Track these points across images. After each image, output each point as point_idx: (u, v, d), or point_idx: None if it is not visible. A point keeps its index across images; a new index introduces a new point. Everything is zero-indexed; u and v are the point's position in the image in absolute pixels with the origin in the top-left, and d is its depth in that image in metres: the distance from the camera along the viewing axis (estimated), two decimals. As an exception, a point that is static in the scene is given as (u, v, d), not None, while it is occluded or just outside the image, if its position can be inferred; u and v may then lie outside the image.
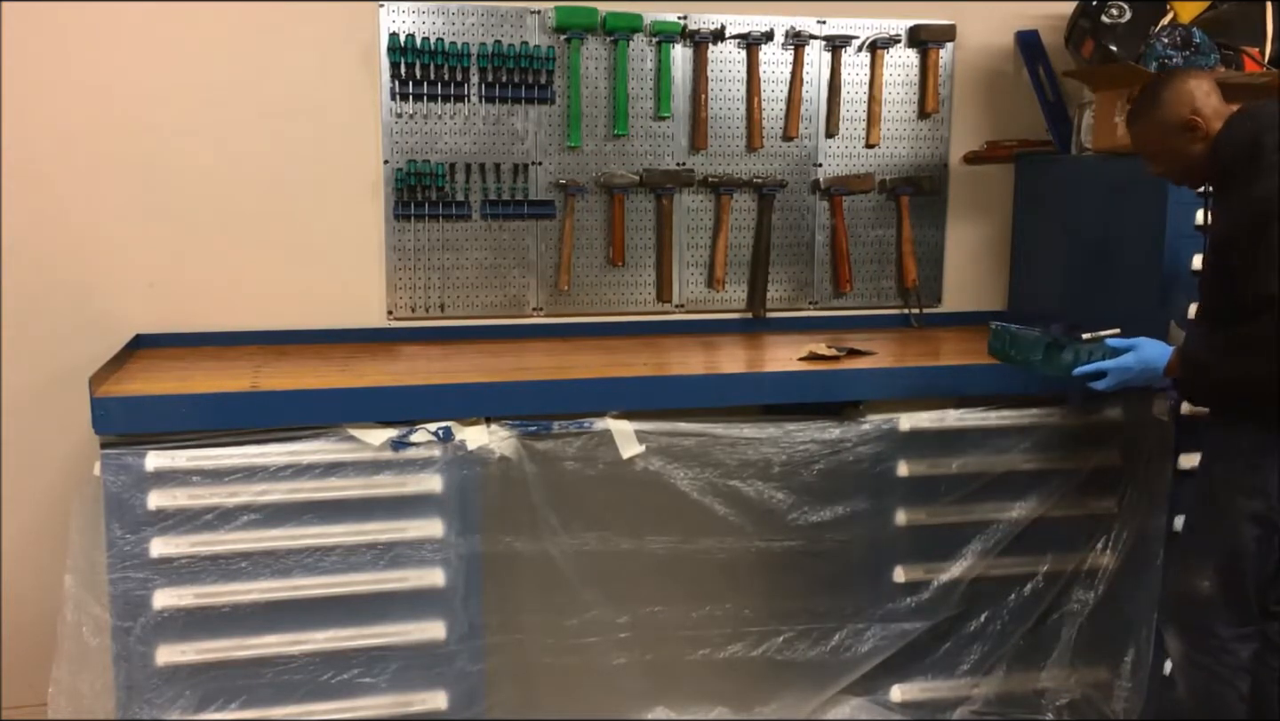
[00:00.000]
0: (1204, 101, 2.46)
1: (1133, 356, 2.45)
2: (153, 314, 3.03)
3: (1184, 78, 2.51)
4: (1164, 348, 2.44)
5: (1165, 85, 2.51)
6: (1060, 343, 2.52)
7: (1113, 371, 2.45)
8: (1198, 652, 2.49)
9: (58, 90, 2.93)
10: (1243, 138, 2.38)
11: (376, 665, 2.56)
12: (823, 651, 2.84)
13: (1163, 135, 2.50)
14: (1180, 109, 2.46)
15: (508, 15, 3.14)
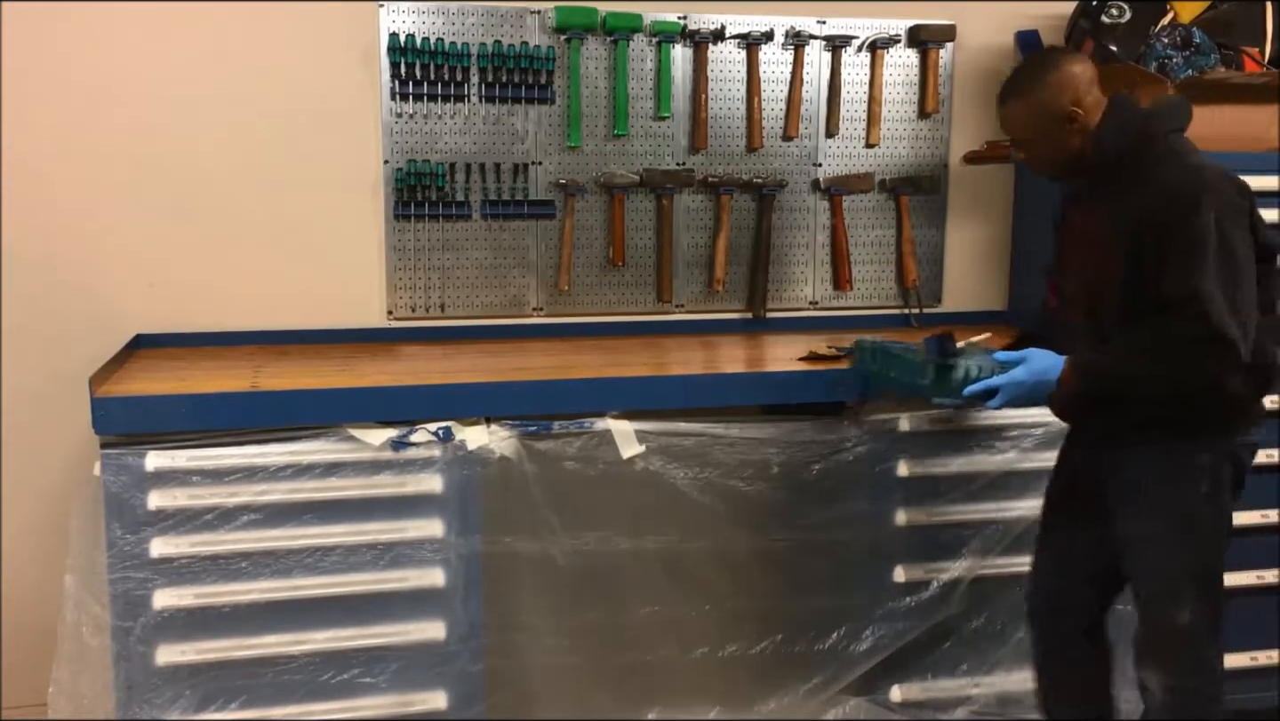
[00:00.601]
0: (1086, 91, 2.31)
1: (1023, 370, 2.27)
2: (153, 314, 3.03)
3: (1069, 62, 2.34)
4: (1055, 358, 2.28)
5: (1047, 68, 2.33)
6: (948, 363, 2.33)
7: (1004, 388, 2.28)
8: (1187, 678, 2.38)
9: (58, 90, 2.93)
10: (1130, 128, 2.29)
11: (376, 665, 2.56)
12: (822, 651, 2.84)
13: (1039, 122, 2.33)
14: (1061, 98, 2.30)
15: (508, 15, 3.14)
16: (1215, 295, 2.11)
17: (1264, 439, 2.93)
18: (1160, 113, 2.34)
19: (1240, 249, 2.16)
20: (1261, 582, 3.04)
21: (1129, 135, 2.28)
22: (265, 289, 3.10)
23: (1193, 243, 2.14)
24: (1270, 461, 2.99)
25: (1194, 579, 2.33)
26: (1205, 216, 2.14)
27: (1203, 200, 2.15)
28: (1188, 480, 2.29)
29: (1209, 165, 2.24)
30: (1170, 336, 2.17)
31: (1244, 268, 2.16)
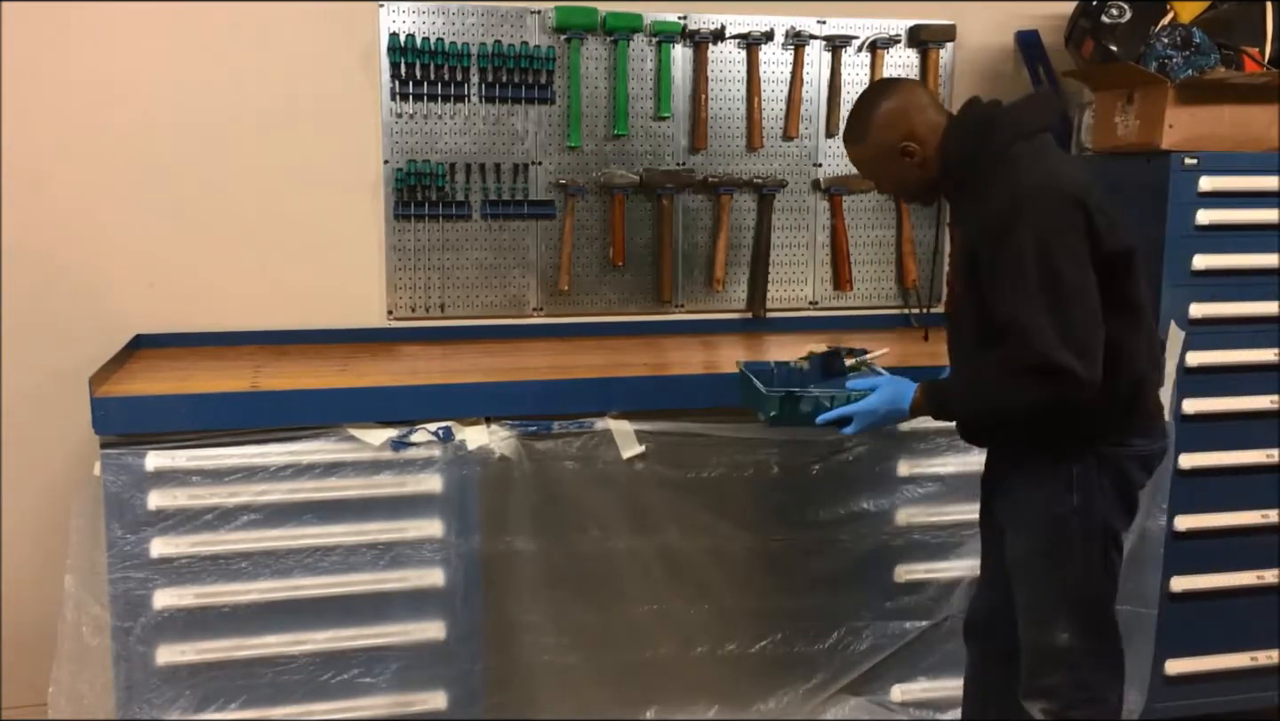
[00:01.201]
0: (919, 121, 2.22)
1: (875, 398, 2.23)
2: (153, 314, 3.03)
3: (896, 96, 2.25)
4: (906, 385, 2.24)
5: (870, 110, 2.26)
6: (796, 395, 2.27)
7: (858, 416, 2.23)
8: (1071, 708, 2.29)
9: (58, 91, 2.93)
10: (969, 143, 2.19)
11: (376, 665, 2.56)
12: (822, 650, 2.85)
13: (877, 163, 2.29)
14: (890, 136, 2.23)
15: (508, 15, 3.14)
16: (1037, 322, 2.02)
17: (1263, 439, 2.96)
18: (1003, 120, 2.21)
19: (1067, 268, 2.04)
20: (1261, 582, 3.04)
21: (968, 151, 2.20)
22: (265, 289, 3.10)
23: (1011, 267, 2.05)
24: (1270, 461, 2.99)
25: (1068, 598, 2.25)
26: (1022, 238, 2.04)
27: (1020, 220, 2.05)
28: (1055, 495, 2.21)
29: (1038, 177, 2.11)
30: (1001, 365, 2.09)
31: (1074, 287, 2.04)
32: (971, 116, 2.24)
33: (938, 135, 2.23)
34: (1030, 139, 2.18)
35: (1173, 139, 2.88)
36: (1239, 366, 2.95)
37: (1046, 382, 2.03)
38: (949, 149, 2.22)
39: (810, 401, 2.26)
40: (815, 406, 2.25)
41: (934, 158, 2.23)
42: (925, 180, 2.28)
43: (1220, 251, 2.90)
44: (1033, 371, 2.03)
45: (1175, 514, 2.95)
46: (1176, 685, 3.04)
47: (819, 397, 2.26)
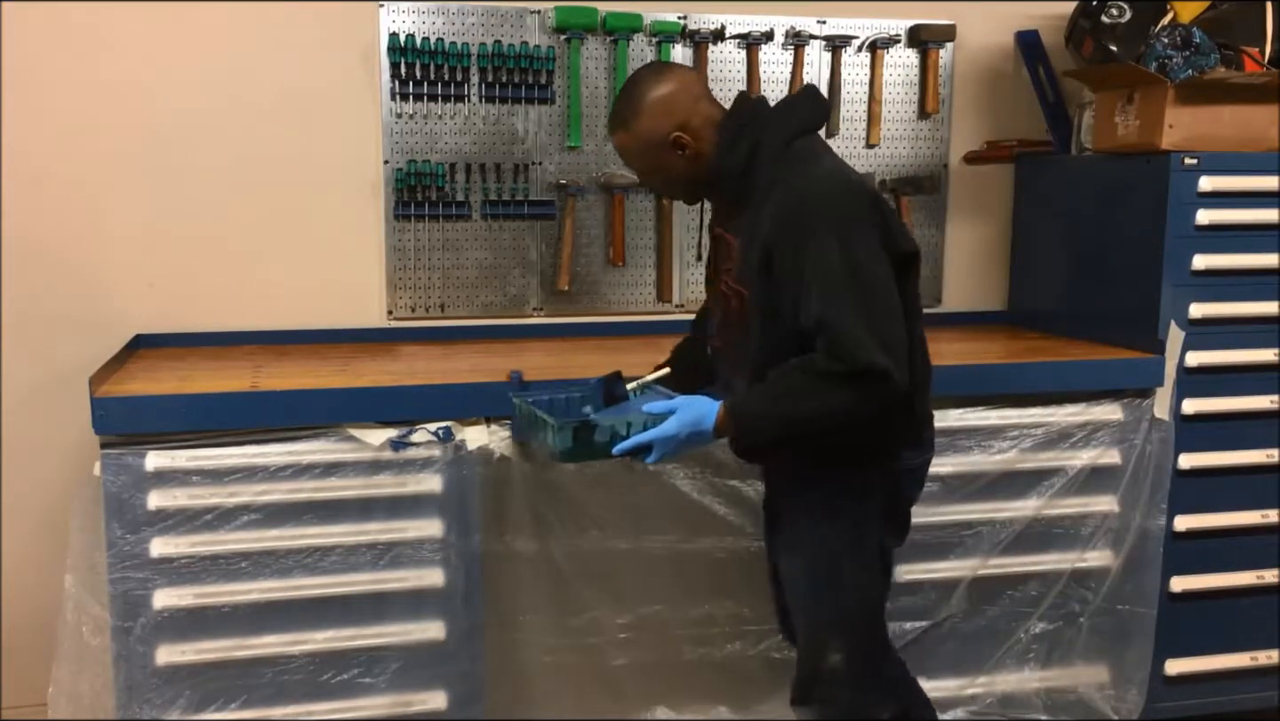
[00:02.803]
0: (693, 112, 2.11)
1: (674, 422, 2.04)
2: (153, 314, 3.03)
3: (662, 83, 2.12)
4: (708, 405, 2.06)
5: (639, 95, 2.12)
6: (590, 423, 2.09)
7: (657, 443, 2.04)
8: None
9: (57, 91, 2.93)
10: (742, 142, 2.09)
11: (376, 665, 2.56)
12: (823, 651, 2.84)
13: (645, 152, 2.14)
14: (660, 124, 2.10)
15: (508, 15, 3.14)
16: (849, 323, 1.93)
17: (1263, 439, 2.97)
18: (778, 116, 2.13)
19: (872, 266, 1.97)
20: (1261, 582, 3.04)
21: (743, 150, 2.09)
22: (265, 289, 3.10)
23: (815, 269, 1.96)
24: (1270, 461, 3.00)
25: (842, 618, 2.20)
26: (822, 238, 1.96)
27: (821, 221, 1.98)
28: (829, 515, 2.16)
29: (830, 177, 2.05)
30: (817, 374, 1.96)
31: (880, 286, 1.98)
32: (746, 111, 2.14)
33: (711, 129, 2.12)
34: (805, 136, 2.12)
35: (1173, 139, 2.88)
36: (1239, 366, 2.95)
37: (863, 385, 1.94)
38: (725, 143, 2.10)
39: (605, 430, 2.07)
40: (611, 435, 2.07)
41: (707, 152, 2.12)
42: (694, 176, 2.15)
43: (1220, 251, 2.90)
44: (848, 376, 1.94)
45: (1175, 514, 2.96)
46: (1176, 685, 3.04)
47: (614, 425, 2.07)
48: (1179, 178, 2.85)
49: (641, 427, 2.06)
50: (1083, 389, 2.88)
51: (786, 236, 2.00)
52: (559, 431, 2.07)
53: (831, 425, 2.01)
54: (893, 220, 2.05)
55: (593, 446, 2.08)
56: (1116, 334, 3.02)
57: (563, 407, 2.20)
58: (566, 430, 2.07)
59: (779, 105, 2.17)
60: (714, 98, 2.18)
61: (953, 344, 3.24)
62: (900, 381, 1.95)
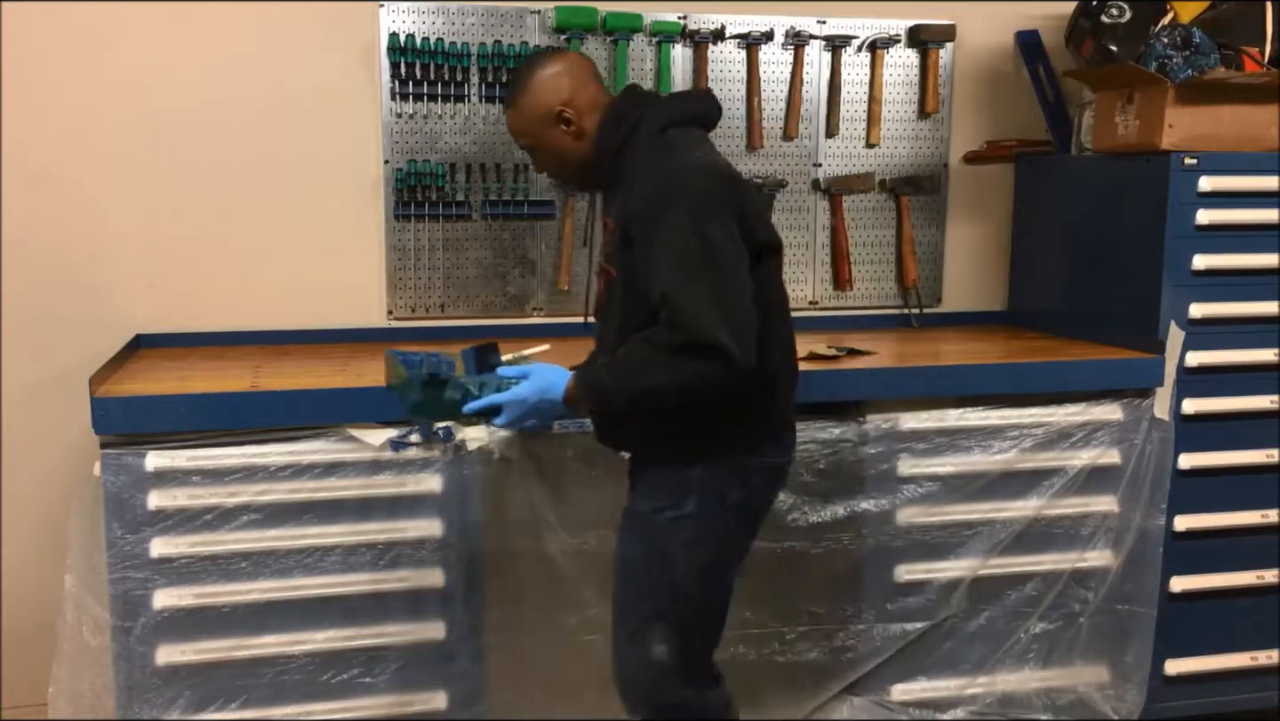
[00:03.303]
0: (579, 90, 2.17)
1: (527, 386, 2.08)
2: (153, 314, 3.03)
3: (559, 63, 2.20)
4: (559, 373, 2.09)
5: (531, 71, 2.20)
6: (441, 379, 2.13)
7: (508, 406, 2.08)
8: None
9: (57, 91, 2.93)
10: (623, 125, 2.14)
11: (376, 665, 2.56)
12: (823, 651, 2.84)
13: (532, 128, 2.21)
14: (547, 100, 2.17)
15: (508, 15, 3.14)
16: (693, 297, 1.94)
17: (1263, 439, 2.97)
18: (661, 105, 2.18)
19: (724, 244, 1.99)
20: (1261, 582, 3.04)
21: (621, 134, 2.15)
22: (265, 289, 3.10)
23: (666, 242, 1.98)
24: (1270, 461, 3.00)
25: (670, 610, 2.15)
26: (676, 214, 1.98)
27: (674, 196, 2.00)
28: (672, 499, 2.13)
29: (692, 159, 2.07)
30: (659, 346, 1.97)
31: (731, 265, 1.99)
32: (631, 97, 2.20)
33: (596, 111, 2.18)
34: (684, 127, 2.15)
35: (1172, 139, 2.88)
36: (1239, 366, 2.95)
37: (701, 361, 1.94)
38: (606, 125, 2.16)
39: (459, 388, 2.12)
40: (464, 394, 2.11)
41: (590, 132, 2.17)
42: (581, 156, 2.20)
43: (1220, 251, 2.90)
44: (688, 348, 1.94)
45: (1175, 514, 2.96)
46: (1176, 685, 3.04)
47: (467, 384, 2.12)
48: (1179, 178, 2.85)
49: (495, 390, 2.09)
50: (1083, 389, 2.88)
51: (645, 213, 2.03)
52: (410, 384, 2.13)
53: (674, 399, 2.01)
54: (755, 210, 2.09)
55: (443, 403, 2.12)
56: (1116, 334, 3.02)
57: (433, 367, 2.18)
58: (416, 383, 2.12)
59: (665, 96, 2.25)
60: (602, 84, 2.25)
61: (953, 344, 3.24)
62: (743, 362, 1.94)
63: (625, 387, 2.02)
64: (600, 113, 2.18)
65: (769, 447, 2.19)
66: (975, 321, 3.54)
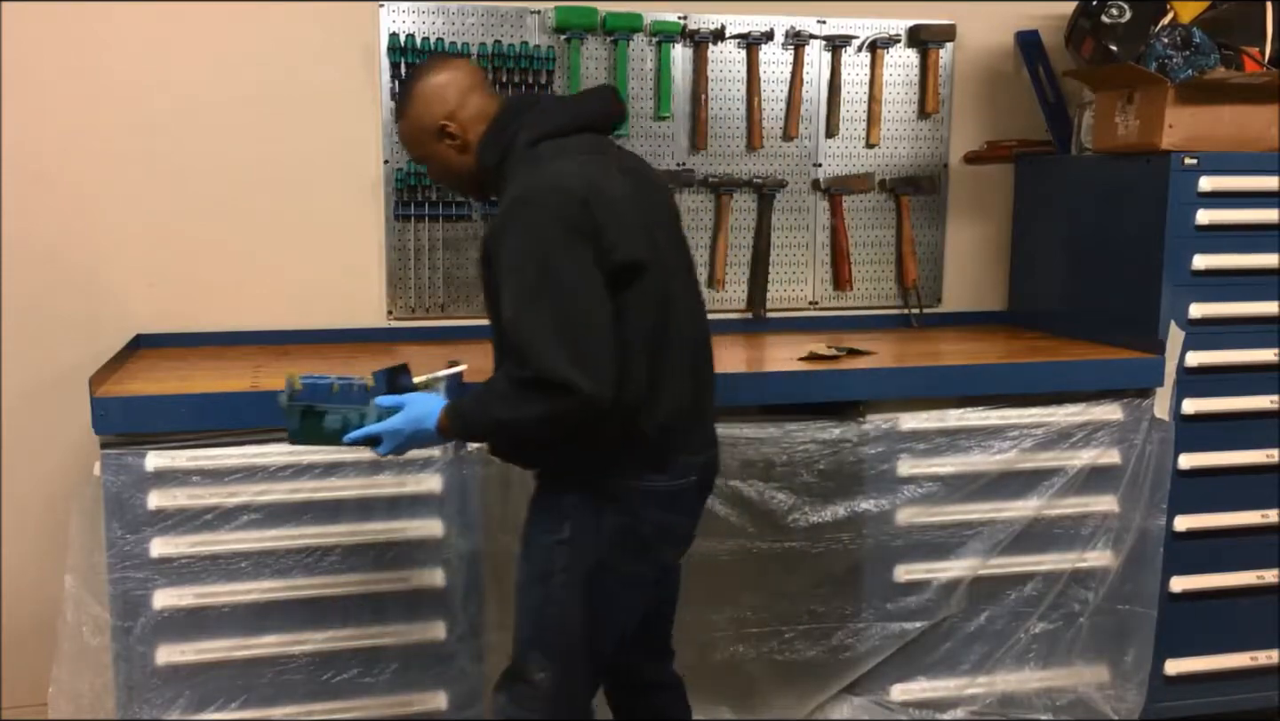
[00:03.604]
0: (464, 103, 2.10)
1: (400, 417, 2.04)
2: (153, 314, 3.03)
3: (445, 72, 2.13)
4: (435, 403, 2.05)
5: (414, 82, 2.14)
6: (317, 409, 2.11)
7: (386, 436, 2.06)
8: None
9: (57, 91, 2.93)
10: (500, 139, 2.07)
11: (376, 665, 2.56)
12: (823, 651, 2.84)
13: (419, 140, 2.15)
14: (430, 111, 2.10)
15: (508, 15, 3.14)
16: (535, 330, 1.87)
17: (1263, 439, 2.97)
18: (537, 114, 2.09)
19: (567, 272, 1.89)
20: (1261, 582, 3.04)
21: (501, 147, 2.07)
22: (265, 289, 3.10)
23: (509, 270, 1.92)
24: (1270, 461, 3.00)
25: (546, 633, 2.10)
26: (519, 238, 1.91)
27: (519, 219, 1.93)
28: (551, 524, 2.09)
29: (547, 176, 1.97)
30: (510, 380, 1.92)
31: (575, 292, 1.89)
32: (514, 107, 2.11)
33: (482, 123, 2.10)
34: (563, 136, 2.06)
35: (1173, 139, 2.88)
36: (1239, 366, 2.95)
37: (549, 397, 1.87)
38: (487, 138, 2.09)
39: (338, 418, 2.10)
40: (343, 423, 2.10)
41: (475, 146, 2.11)
42: (468, 170, 2.14)
43: (1220, 251, 2.90)
44: (533, 384, 1.87)
45: (1175, 514, 2.96)
46: (1176, 685, 3.04)
47: (346, 413, 2.10)
48: (1179, 178, 2.85)
49: (376, 419, 2.08)
50: (1083, 389, 2.88)
51: (497, 233, 1.96)
52: (288, 412, 2.12)
53: (528, 434, 2.00)
54: (612, 227, 1.94)
55: (322, 432, 2.12)
56: (1116, 334, 3.02)
57: (343, 394, 2.15)
58: (295, 411, 2.12)
59: (548, 103, 2.14)
60: (493, 92, 2.17)
61: (953, 344, 3.24)
62: (594, 393, 1.86)
63: (484, 421, 2.00)
64: (484, 125, 2.10)
65: (652, 474, 2.07)
66: (975, 321, 3.54)
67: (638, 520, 2.08)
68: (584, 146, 2.06)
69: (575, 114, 2.12)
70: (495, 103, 2.14)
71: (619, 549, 2.08)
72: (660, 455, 2.08)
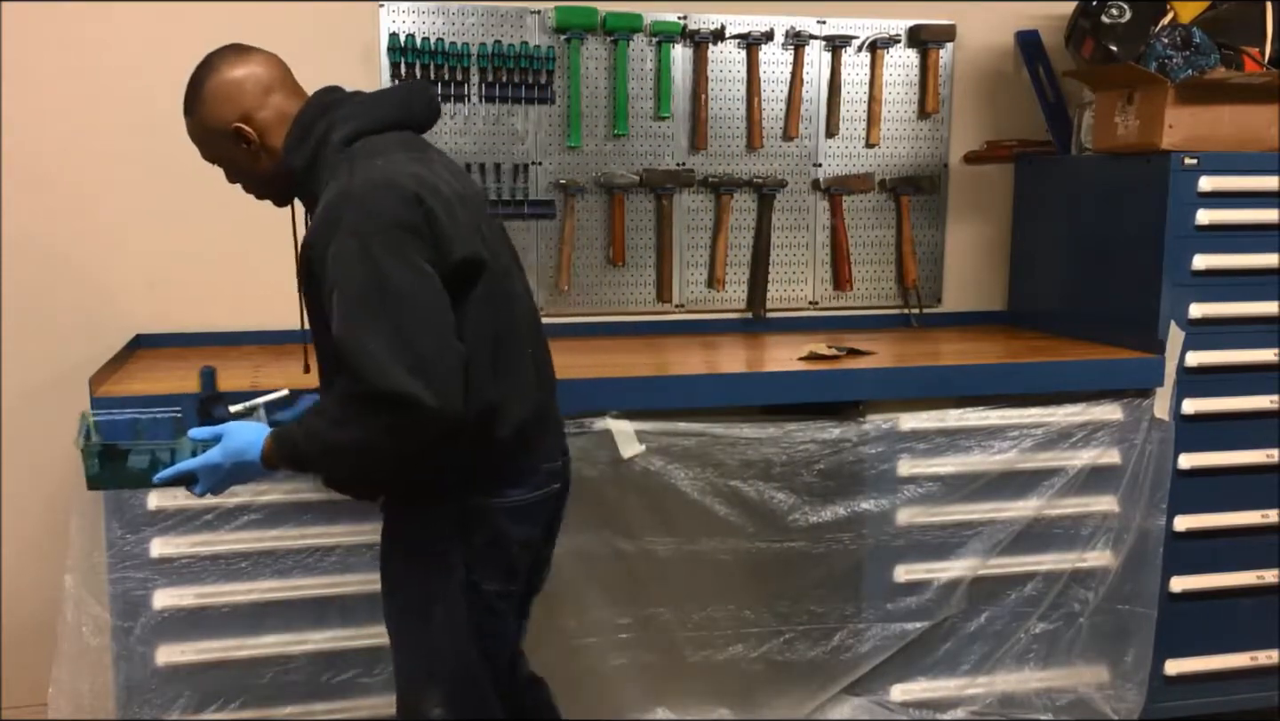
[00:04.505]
0: (261, 103, 1.92)
1: (218, 451, 1.84)
2: (153, 314, 3.03)
3: (240, 67, 1.93)
4: (257, 432, 1.85)
5: (202, 79, 1.94)
6: (121, 448, 1.90)
7: (201, 473, 1.86)
8: None
9: (58, 90, 2.93)
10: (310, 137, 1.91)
11: (376, 665, 2.56)
12: (823, 651, 2.85)
13: (211, 141, 1.96)
14: (221, 112, 1.92)
15: (508, 15, 3.14)
16: (366, 339, 1.70)
17: (1263, 439, 2.97)
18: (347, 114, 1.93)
19: (399, 274, 1.73)
20: (1261, 582, 3.04)
21: (308, 149, 1.91)
22: (265, 289, 3.09)
23: (335, 278, 1.74)
24: (1270, 461, 3.00)
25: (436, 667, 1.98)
26: (343, 242, 1.74)
27: (342, 222, 1.76)
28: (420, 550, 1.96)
29: (370, 175, 1.81)
30: (343, 398, 1.74)
31: (410, 297, 1.73)
32: (319, 105, 1.94)
33: (283, 124, 1.93)
34: (381, 133, 1.91)
35: (1173, 139, 2.88)
36: (1239, 366, 2.95)
37: (387, 412, 1.71)
38: (291, 140, 1.91)
39: (144, 456, 1.89)
40: (152, 462, 1.88)
41: (276, 149, 1.94)
42: (270, 175, 1.97)
43: (1220, 251, 2.90)
44: (370, 400, 1.71)
45: (1175, 514, 2.95)
46: (1176, 685, 3.04)
47: (155, 450, 1.89)
48: (1179, 178, 2.85)
49: (190, 454, 1.88)
50: (1083, 389, 2.88)
51: (320, 239, 1.79)
52: (85, 455, 1.90)
53: (367, 459, 1.79)
54: (450, 224, 1.81)
55: (127, 473, 1.90)
56: (1116, 334, 3.03)
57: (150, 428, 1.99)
58: (92, 454, 1.89)
59: (360, 99, 1.97)
60: (296, 89, 1.99)
61: (953, 344, 3.24)
62: (439, 405, 1.71)
63: (315, 448, 1.79)
64: (287, 126, 1.93)
65: (509, 489, 1.96)
66: (975, 321, 3.54)
67: (501, 536, 1.96)
68: (404, 143, 1.92)
69: (389, 109, 1.97)
70: (298, 101, 1.96)
71: (490, 570, 1.96)
72: (517, 467, 1.97)
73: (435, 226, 1.80)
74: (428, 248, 1.79)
